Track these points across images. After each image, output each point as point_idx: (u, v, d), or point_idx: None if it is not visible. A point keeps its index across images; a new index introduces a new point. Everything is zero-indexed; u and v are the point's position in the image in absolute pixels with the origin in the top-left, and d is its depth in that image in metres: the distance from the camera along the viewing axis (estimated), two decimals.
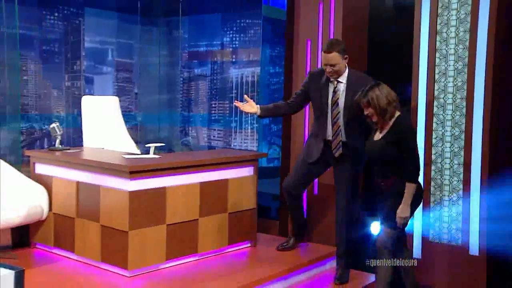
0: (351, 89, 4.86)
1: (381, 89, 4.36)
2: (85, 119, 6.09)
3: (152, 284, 4.65)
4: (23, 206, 5.13)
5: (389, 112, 4.36)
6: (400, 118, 4.43)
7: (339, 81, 4.92)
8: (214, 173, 5.38)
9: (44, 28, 7.28)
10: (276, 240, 5.97)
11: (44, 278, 4.60)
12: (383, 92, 4.35)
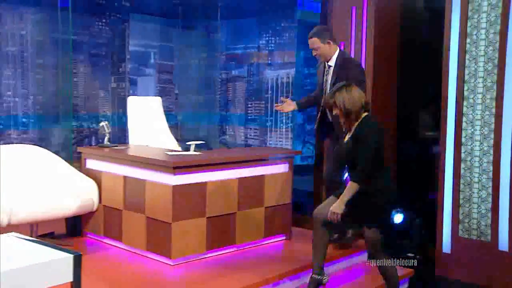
0: (335, 72, 5.11)
1: (348, 91, 4.31)
2: (130, 118, 6.25)
3: (193, 273, 4.74)
4: (75, 198, 5.31)
5: (353, 113, 4.29)
6: (364, 119, 4.36)
7: (329, 64, 5.16)
8: (251, 169, 5.41)
9: (93, 33, 7.51)
10: (309, 234, 5.88)
11: (95, 264, 4.75)
12: (350, 94, 4.29)
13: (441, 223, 5.71)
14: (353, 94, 4.29)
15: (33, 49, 6.97)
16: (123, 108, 7.64)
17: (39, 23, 7.00)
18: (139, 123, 6.24)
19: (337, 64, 5.15)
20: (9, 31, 6.77)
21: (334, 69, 5.16)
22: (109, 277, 4.62)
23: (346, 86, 4.31)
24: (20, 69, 6.88)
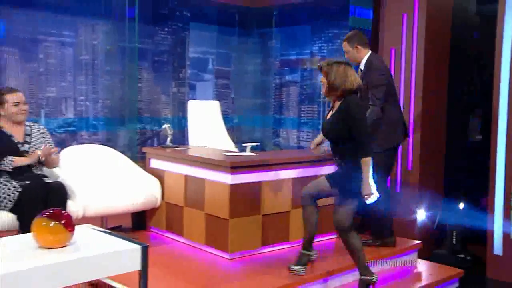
0: (363, 75, 5.22)
1: (344, 68, 4.29)
2: (190, 121, 6.37)
3: (249, 266, 4.79)
4: (140, 195, 5.51)
5: (339, 90, 4.27)
6: (348, 98, 4.31)
7: (360, 68, 5.32)
8: (304, 169, 5.42)
9: (156, 41, 7.70)
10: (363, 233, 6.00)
11: (159, 256, 4.85)
12: (345, 72, 4.27)
13: (492, 225, 5.68)
14: (348, 73, 4.28)
15: (103, 57, 7.21)
16: (182, 112, 7.84)
17: (108, 33, 7.23)
18: (198, 126, 6.35)
19: (365, 68, 5.29)
20: (84, 41, 7.02)
21: (362, 72, 5.29)
22: (172, 268, 4.73)
23: (346, 64, 4.32)
24: (91, 75, 7.11)
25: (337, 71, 4.26)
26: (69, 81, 6.93)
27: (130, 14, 7.33)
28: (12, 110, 4.78)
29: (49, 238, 3.57)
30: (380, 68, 5.29)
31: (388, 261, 5.28)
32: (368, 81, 5.11)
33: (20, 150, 4.82)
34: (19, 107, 4.81)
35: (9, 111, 4.78)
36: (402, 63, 6.19)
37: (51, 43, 6.76)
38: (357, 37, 5.31)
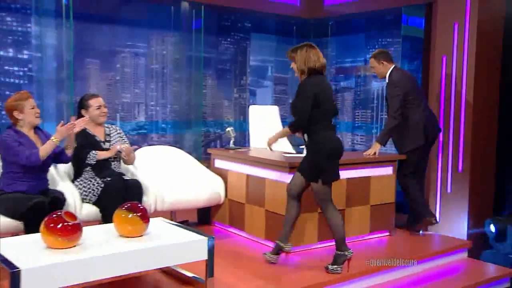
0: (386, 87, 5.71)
1: (306, 51, 4.42)
2: (251, 124, 6.43)
3: (307, 260, 4.88)
4: (205, 192, 5.66)
5: (305, 72, 4.42)
6: (311, 77, 4.41)
7: (386, 81, 5.74)
8: (358, 171, 5.48)
9: (220, 51, 7.83)
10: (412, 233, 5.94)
11: (222, 248, 4.94)
12: (306, 54, 4.40)
13: None
14: (310, 54, 4.41)
15: (171, 66, 7.38)
16: (243, 116, 7.98)
17: (177, 44, 7.40)
18: (258, 129, 6.39)
19: (388, 81, 5.73)
20: (155, 51, 7.23)
21: (386, 85, 5.75)
22: (234, 259, 4.87)
23: (308, 47, 4.44)
24: (161, 82, 7.30)
25: (301, 54, 4.44)
26: (141, 88, 7.16)
27: (197, 26, 7.46)
28: (95, 112, 5.10)
29: (127, 228, 3.83)
30: (395, 81, 5.66)
31: (437, 259, 5.30)
32: (387, 93, 5.66)
33: (102, 148, 5.11)
34: (101, 110, 5.13)
35: (93, 114, 5.09)
36: (453, 70, 6.18)
37: (126, 54, 7.00)
38: (383, 54, 5.75)
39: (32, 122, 4.61)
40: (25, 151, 4.43)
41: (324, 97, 4.43)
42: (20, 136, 4.53)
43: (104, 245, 3.68)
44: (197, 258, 3.98)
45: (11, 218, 4.40)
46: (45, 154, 4.44)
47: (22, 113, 4.55)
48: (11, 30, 6.26)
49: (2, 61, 6.22)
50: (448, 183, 6.28)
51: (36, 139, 4.63)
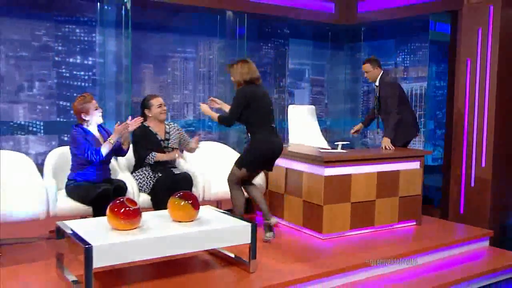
0: (378, 89, 6.05)
1: (239, 65, 4.84)
2: (290, 122, 6.45)
3: (340, 245, 4.97)
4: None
5: (240, 83, 4.82)
6: (240, 88, 4.85)
7: (376, 84, 5.99)
8: (388, 165, 5.52)
9: (261, 55, 7.89)
10: (436, 222, 6.07)
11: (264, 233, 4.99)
12: (238, 69, 4.83)
13: None
14: (241, 70, 4.83)
15: (217, 69, 7.46)
16: (282, 115, 7.97)
17: (222, 49, 7.47)
18: (297, 126, 6.44)
19: (379, 84, 5.97)
20: (202, 56, 7.33)
21: (378, 88, 5.98)
22: (274, 244, 4.94)
23: (242, 62, 4.84)
24: (208, 84, 7.40)
25: (236, 68, 4.83)
26: (190, 89, 7.26)
27: (240, 33, 7.49)
28: (157, 110, 5.29)
29: (180, 214, 4.04)
30: (391, 82, 6.07)
31: (461, 246, 5.32)
32: (384, 95, 5.91)
33: (162, 146, 5.29)
34: (161, 108, 5.31)
35: (155, 112, 5.28)
36: (477, 72, 6.19)
37: (177, 58, 7.11)
38: (376, 61, 6.06)
39: (96, 121, 4.88)
40: (91, 147, 4.69)
41: (258, 104, 4.84)
42: (86, 134, 4.79)
43: (160, 228, 3.88)
44: (242, 242, 4.13)
45: (81, 203, 4.68)
46: (105, 152, 4.71)
47: (88, 114, 4.81)
48: (79, 40, 6.47)
49: (71, 67, 6.43)
50: (472, 178, 6.28)
51: (99, 135, 4.90)
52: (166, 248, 3.79)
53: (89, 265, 3.42)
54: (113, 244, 3.55)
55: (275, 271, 4.21)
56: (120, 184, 4.81)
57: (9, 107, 6.14)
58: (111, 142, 4.74)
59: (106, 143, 4.74)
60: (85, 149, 4.70)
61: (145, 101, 5.38)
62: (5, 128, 6.11)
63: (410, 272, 4.73)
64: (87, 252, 3.41)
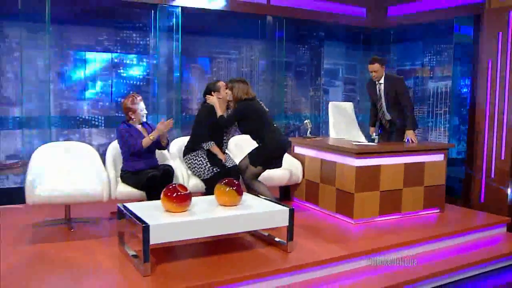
0: (385, 87, 5.91)
1: (241, 85, 5.04)
2: (331, 117, 6.42)
3: (369, 229, 5.02)
4: (287, 173, 5.82)
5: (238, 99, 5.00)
6: (241, 102, 5.04)
7: (380, 82, 5.85)
8: (415, 157, 5.52)
9: (298, 56, 7.90)
10: (458, 209, 6.03)
11: (300, 219, 5.13)
12: (239, 88, 5.02)
13: None
14: (245, 89, 5.06)
15: (258, 69, 7.51)
16: (318, 111, 8.03)
17: (263, 50, 7.53)
18: (338, 122, 6.45)
19: (385, 81, 5.87)
20: (245, 57, 7.38)
21: (384, 85, 5.87)
22: (310, 227, 5.02)
23: (243, 82, 5.12)
24: (250, 83, 7.43)
25: (238, 88, 5.05)
26: None
27: (279, 36, 7.54)
28: (225, 93, 5.21)
29: (225, 199, 4.16)
30: (399, 77, 6.05)
31: (480, 232, 5.31)
32: (398, 91, 5.84)
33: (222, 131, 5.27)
34: (226, 91, 5.21)
35: (223, 94, 5.21)
36: (497, 72, 6.13)
37: (221, 59, 7.18)
38: (382, 59, 5.98)
39: (140, 120, 5.10)
40: (133, 141, 4.91)
41: (258, 114, 5.12)
42: (131, 129, 5.01)
43: (208, 211, 4.02)
44: (280, 224, 4.22)
45: (136, 188, 4.88)
46: (146, 145, 4.91)
47: (135, 113, 5.04)
48: (135, 43, 6.65)
49: (128, 67, 6.62)
50: (492, 169, 6.21)
51: (143, 130, 5.10)
52: (213, 229, 3.92)
53: (146, 242, 3.59)
54: (167, 224, 3.71)
55: (310, 251, 4.28)
56: (167, 169, 4.97)
57: (76, 104, 6.37)
58: (150, 138, 4.93)
59: (147, 138, 4.93)
60: (128, 142, 4.93)
61: (211, 85, 5.31)
62: (72, 122, 6.35)
63: (433, 255, 4.74)
64: (145, 230, 3.58)
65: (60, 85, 6.24)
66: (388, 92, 5.90)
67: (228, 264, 3.96)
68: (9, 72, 5.96)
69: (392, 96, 5.89)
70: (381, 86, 5.96)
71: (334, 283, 3.99)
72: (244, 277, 3.72)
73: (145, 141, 4.93)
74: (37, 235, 4.65)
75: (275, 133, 5.16)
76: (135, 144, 4.92)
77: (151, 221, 3.67)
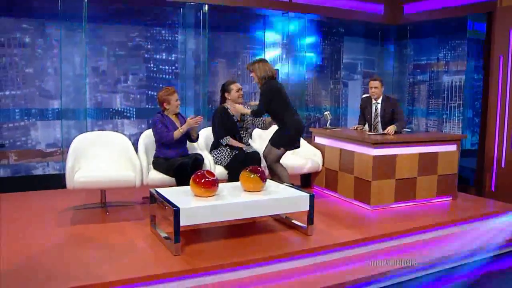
0: (382, 106, 5.91)
1: (263, 64, 5.02)
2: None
3: (385, 215, 5.05)
4: (308, 162, 5.90)
5: (262, 78, 4.98)
6: (267, 81, 4.99)
7: (377, 102, 5.85)
8: (429, 147, 5.53)
9: (319, 51, 7.89)
10: (470, 198, 6.03)
11: (320, 205, 5.22)
12: (263, 66, 5.00)
13: None
14: (265, 67, 5.03)
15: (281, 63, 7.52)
16: (337, 103, 8.05)
17: (285, 46, 7.51)
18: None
19: (383, 102, 5.90)
20: (268, 52, 7.40)
21: (381, 105, 5.87)
22: (329, 213, 5.10)
23: (262, 61, 5.07)
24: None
25: (259, 67, 5.01)
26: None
27: (301, 32, 7.58)
28: (235, 95, 5.33)
29: (250, 185, 4.25)
30: (398, 100, 6.04)
31: (490, 219, 5.27)
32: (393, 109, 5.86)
33: (237, 128, 5.40)
34: (239, 92, 5.35)
35: (233, 96, 5.33)
36: (508, 67, 6.10)
37: (246, 54, 7.22)
38: (383, 81, 5.97)
39: (174, 111, 5.20)
40: (166, 132, 5.03)
41: (280, 95, 5.07)
42: (165, 119, 5.12)
43: (233, 196, 4.12)
44: (301, 209, 4.29)
45: (166, 175, 5.00)
46: (177, 137, 5.03)
47: (169, 104, 5.13)
48: (164, 39, 6.74)
49: (158, 62, 6.72)
50: (503, 160, 6.22)
51: (176, 121, 5.20)
52: (238, 212, 4.02)
53: (177, 224, 3.71)
54: (196, 208, 3.82)
55: (329, 235, 4.36)
56: (197, 156, 5.06)
57: (109, 96, 6.52)
58: (180, 131, 5.04)
59: (177, 131, 5.05)
60: (161, 132, 5.04)
61: (225, 86, 5.41)
62: (106, 113, 6.51)
63: (446, 239, 4.77)
64: (175, 213, 3.70)
65: (95, 79, 6.40)
66: (386, 111, 5.92)
67: (252, 245, 4.05)
68: (50, 67, 6.14)
69: (388, 115, 5.92)
70: (378, 105, 5.98)
71: (351, 265, 4.05)
72: (269, 257, 3.81)
73: (176, 133, 5.05)
74: (76, 217, 4.82)
75: (294, 114, 5.19)
76: (167, 134, 5.03)
77: (181, 204, 3.78)
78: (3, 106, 5.92)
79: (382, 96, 5.97)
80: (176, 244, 3.75)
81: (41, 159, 6.18)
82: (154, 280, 3.40)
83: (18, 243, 4.00)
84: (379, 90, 5.92)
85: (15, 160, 6.05)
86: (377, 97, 5.96)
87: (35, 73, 6.06)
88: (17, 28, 5.91)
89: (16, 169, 6.07)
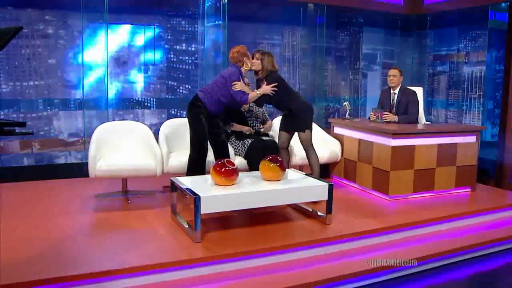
0: (398, 97, 5.88)
1: (270, 57, 4.99)
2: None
3: (403, 205, 5.08)
4: (326, 152, 5.91)
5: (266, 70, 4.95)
6: (270, 73, 4.97)
7: (395, 92, 5.84)
8: (448, 138, 5.53)
9: (338, 41, 7.88)
10: (489, 189, 6.01)
11: (339, 194, 5.26)
12: (270, 59, 4.97)
13: None
14: (273, 61, 5.03)
15: (300, 53, 7.52)
16: (356, 93, 8.05)
17: (304, 36, 7.53)
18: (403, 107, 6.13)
19: (401, 92, 5.87)
20: (287, 43, 7.42)
21: (398, 95, 5.86)
22: (347, 202, 5.14)
23: (270, 54, 5.06)
24: (292, 67, 7.46)
25: (268, 59, 4.97)
26: None
27: (320, 22, 7.57)
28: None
29: (269, 174, 4.32)
30: (414, 92, 5.96)
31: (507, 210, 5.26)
32: (409, 100, 5.83)
33: (246, 117, 5.49)
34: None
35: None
36: None
37: (265, 44, 7.24)
38: (402, 72, 5.97)
39: (247, 71, 5.01)
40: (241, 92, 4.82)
41: (285, 83, 5.14)
42: (241, 75, 4.93)
43: (253, 185, 4.18)
44: (320, 198, 4.36)
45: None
46: (251, 99, 4.89)
47: (249, 59, 4.94)
48: (185, 30, 6.78)
49: (178, 53, 6.76)
50: None
51: (247, 85, 5.05)
52: (257, 201, 4.08)
53: (197, 211, 3.78)
54: (216, 196, 3.89)
55: (347, 224, 4.40)
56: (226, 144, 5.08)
57: (130, 87, 6.61)
58: (257, 93, 4.88)
59: (254, 92, 4.89)
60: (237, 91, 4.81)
61: None
62: (127, 103, 6.59)
63: (464, 230, 4.79)
64: (196, 201, 3.77)
65: (116, 69, 6.48)
66: (401, 101, 5.90)
67: (271, 233, 4.11)
68: (72, 58, 6.23)
69: (403, 105, 5.89)
70: (395, 96, 5.97)
71: (369, 254, 4.09)
72: (288, 245, 3.86)
73: (252, 94, 4.86)
74: (98, 205, 4.93)
75: (298, 95, 5.34)
76: (242, 95, 4.82)
77: (202, 193, 3.85)
78: (27, 97, 6.04)
79: (400, 86, 5.96)
80: (197, 231, 3.82)
81: (63, 148, 6.29)
82: (175, 266, 3.48)
83: (43, 229, 4.11)
84: (397, 79, 5.92)
85: (38, 149, 6.17)
86: (395, 86, 5.95)
87: (58, 64, 6.16)
88: (40, 19, 6.01)
89: (39, 158, 6.19)
